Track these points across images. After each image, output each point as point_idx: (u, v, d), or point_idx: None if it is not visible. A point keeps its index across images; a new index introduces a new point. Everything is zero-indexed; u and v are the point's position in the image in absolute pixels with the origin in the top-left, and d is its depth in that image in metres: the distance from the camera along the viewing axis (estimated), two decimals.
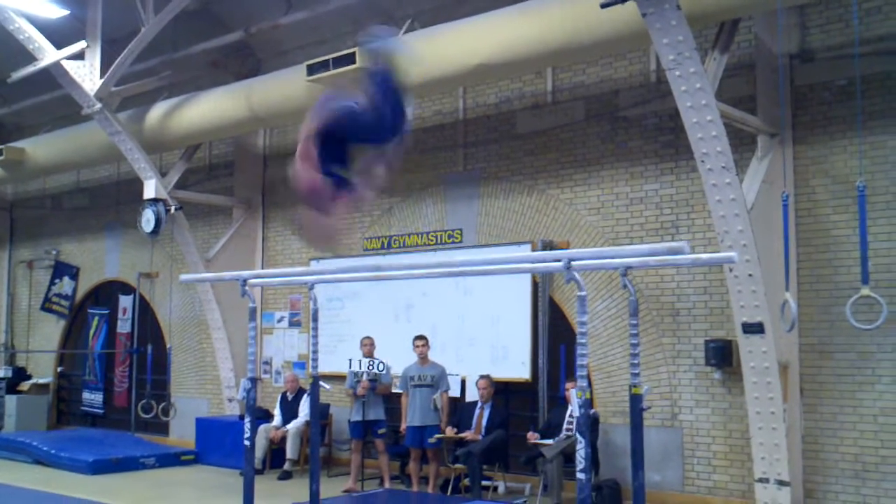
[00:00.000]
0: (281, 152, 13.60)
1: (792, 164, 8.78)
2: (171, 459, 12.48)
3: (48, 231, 17.66)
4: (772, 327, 8.18)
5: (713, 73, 8.11)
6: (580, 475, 5.29)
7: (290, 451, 11.38)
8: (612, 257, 5.79)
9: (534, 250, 10.30)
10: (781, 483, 8.27)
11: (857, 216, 7.89)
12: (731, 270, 8.25)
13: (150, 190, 12.64)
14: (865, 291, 7.67)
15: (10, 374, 16.94)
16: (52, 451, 12.38)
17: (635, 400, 5.44)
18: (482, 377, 10.22)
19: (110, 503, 9.65)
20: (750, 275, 8.15)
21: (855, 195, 7.87)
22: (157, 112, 12.69)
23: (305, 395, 11.39)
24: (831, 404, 8.55)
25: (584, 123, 10.43)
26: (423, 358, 10.39)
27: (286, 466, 11.36)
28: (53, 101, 14.81)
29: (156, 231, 12.64)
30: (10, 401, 16.18)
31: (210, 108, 12.05)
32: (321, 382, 7.40)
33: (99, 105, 12.20)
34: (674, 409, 9.46)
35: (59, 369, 17.33)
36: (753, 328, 8.21)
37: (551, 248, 10.12)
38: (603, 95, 10.31)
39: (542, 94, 10.81)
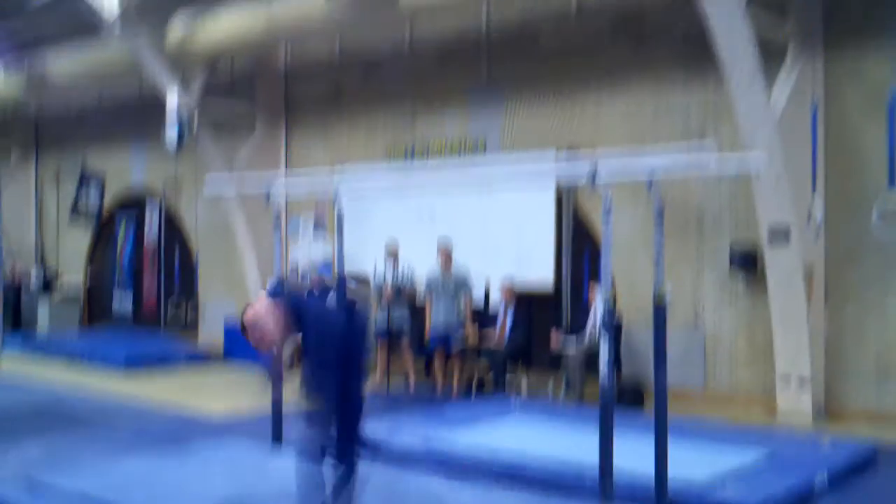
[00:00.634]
0: (302, 66, 13.54)
1: (822, 73, 8.69)
2: (201, 358, 12.80)
3: (74, 141, 17.74)
4: (798, 234, 8.22)
5: None
6: (603, 370, 5.42)
7: None
8: (639, 164, 5.77)
9: (558, 157, 10.26)
10: (803, 382, 8.42)
11: (887, 125, 7.86)
12: (757, 178, 8.25)
13: (172, 104, 12.66)
14: (893, 197, 7.69)
15: (42, 276, 17.29)
16: (86, 350, 12.72)
17: (658, 300, 5.52)
18: (505, 283, 10.33)
19: (143, 398, 9.95)
20: (777, 183, 8.15)
21: (885, 103, 7.84)
22: (178, 26, 12.62)
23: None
24: (855, 307, 8.62)
25: (610, 33, 10.29)
26: (447, 263, 10.50)
27: None
28: (75, 15, 14.67)
29: (180, 145, 12.72)
30: (43, 302, 16.56)
31: (231, 21, 11.97)
32: (347, 279, 7.50)
33: (120, 20, 12.13)
34: (697, 312, 9.56)
35: (89, 273, 17.64)
36: (779, 235, 8.26)
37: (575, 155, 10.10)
38: (629, 5, 10.14)
39: (567, 4, 10.65)
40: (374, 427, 7.27)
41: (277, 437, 6.90)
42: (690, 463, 5.85)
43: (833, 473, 6.06)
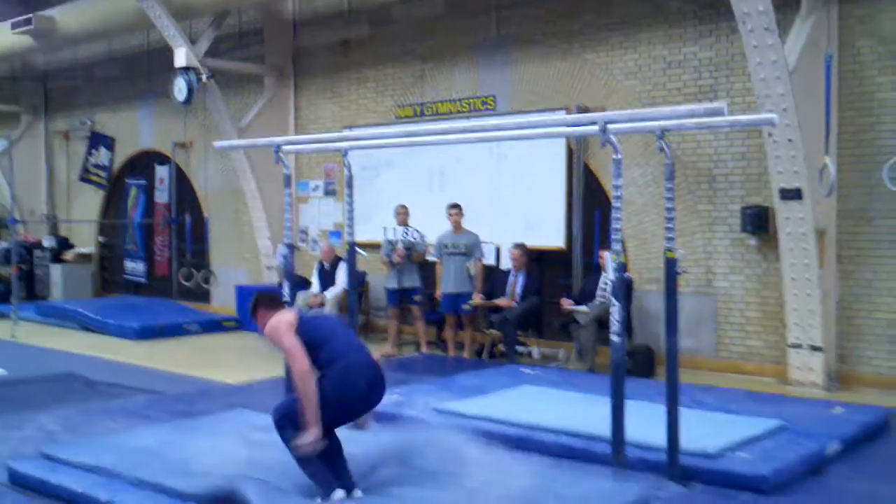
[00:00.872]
0: (310, 19, 13.40)
1: (837, 24, 8.50)
2: (214, 326, 12.85)
3: (82, 101, 17.68)
4: (810, 193, 8.10)
5: None
6: (614, 337, 5.36)
7: None
8: (649, 119, 5.68)
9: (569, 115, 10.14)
10: (815, 348, 8.36)
11: None
12: (770, 135, 8.12)
13: (180, 58, 12.54)
14: None
15: (54, 244, 17.32)
16: (99, 318, 12.78)
17: (670, 264, 5.44)
18: (516, 246, 10.25)
19: (156, 367, 10.00)
20: (789, 139, 8.02)
21: None
22: None
23: (342, 264, 11.53)
24: (868, 270, 8.52)
25: None
26: (457, 226, 10.44)
27: None
28: None
29: (188, 100, 12.62)
30: (56, 270, 16.61)
31: None
32: (357, 249, 7.46)
33: None
34: (708, 275, 9.48)
35: (100, 239, 17.66)
36: (791, 194, 8.14)
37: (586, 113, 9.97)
38: None
39: None
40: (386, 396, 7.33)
41: None
42: (702, 431, 5.81)
43: (845, 441, 6.02)
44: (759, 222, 8.91)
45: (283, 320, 4.93)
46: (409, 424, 6.61)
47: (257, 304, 5.19)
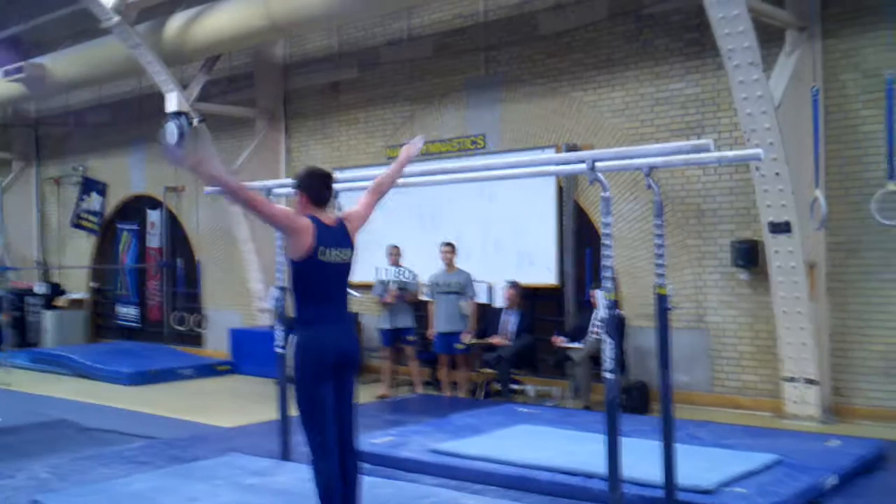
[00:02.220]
0: (300, 62, 13.52)
1: (821, 59, 8.63)
2: (207, 370, 12.79)
3: (74, 148, 17.75)
4: (799, 226, 8.14)
5: None
6: (608, 375, 5.35)
7: None
8: (637, 157, 5.73)
9: (558, 154, 10.22)
10: (809, 381, 8.36)
11: (885, 113, 7.77)
12: (757, 169, 8.19)
13: (171, 103, 12.61)
14: (892, 187, 7.63)
15: (45, 290, 17.26)
16: (92, 364, 12.70)
17: (661, 300, 5.46)
18: (509, 284, 10.27)
19: (150, 412, 9.93)
20: (777, 173, 8.09)
21: (883, 90, 7.74)
22: (175, 23, 12.55)
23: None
24: (859, 302, 8.55)
25: (608, 22, 10.22)
26: (450, 265, 10.46)
27: None
28: (72, 15, 14.68)
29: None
30: (48, 316, 16.55)
31: (228, 17, 11.88)
32: (350, 291, 7.45)
33: (117, 17, 12.07)
34: (700, 310, 9.50)
35: (92, 285, 17.62)
36: (780, 228, 8.19)
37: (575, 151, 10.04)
38: None
39: None
40: (380, 437, 7.29)
41: (286, 450, 6.85)
42: (699, 466, 5.80)
43: (842, 474, 6.01)
44: (749, 256, 8.95)
45: (297, 222, 4.69)
46: (405, 465, 6.60)
47: (303, 184, 4.84)
